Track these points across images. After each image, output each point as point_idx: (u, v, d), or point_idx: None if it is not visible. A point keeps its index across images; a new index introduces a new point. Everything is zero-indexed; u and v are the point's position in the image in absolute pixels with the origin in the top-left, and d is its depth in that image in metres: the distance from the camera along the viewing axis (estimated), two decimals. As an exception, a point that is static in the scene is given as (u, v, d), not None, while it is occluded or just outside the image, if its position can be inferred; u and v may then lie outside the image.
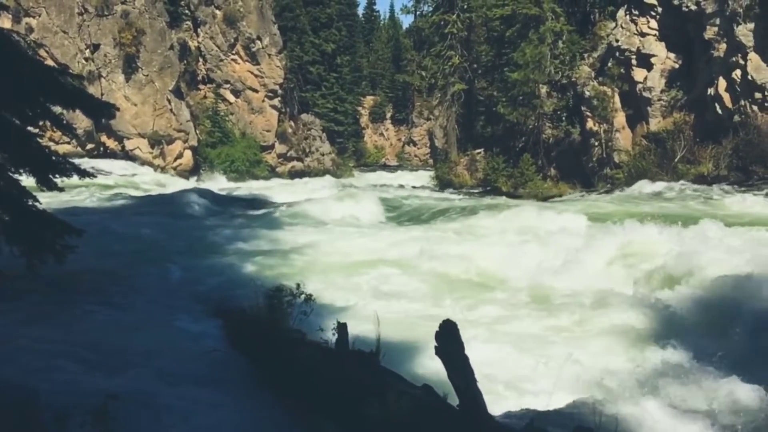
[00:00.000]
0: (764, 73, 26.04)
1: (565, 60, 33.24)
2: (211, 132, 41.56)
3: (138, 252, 13.61)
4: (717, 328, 8.76)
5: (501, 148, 35.30)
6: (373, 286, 11.52)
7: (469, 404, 5.08)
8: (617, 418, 5.48)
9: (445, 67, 41.33)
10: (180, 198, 22.92)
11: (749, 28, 26.31)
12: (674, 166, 27.65)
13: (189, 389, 6.33)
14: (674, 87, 29.93)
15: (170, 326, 8.72)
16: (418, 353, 7.96)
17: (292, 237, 16.14)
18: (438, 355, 5.19)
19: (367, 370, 6.09)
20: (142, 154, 37.95)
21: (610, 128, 31.36)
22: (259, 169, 42.55)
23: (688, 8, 28.66)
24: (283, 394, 6.48)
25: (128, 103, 37.38)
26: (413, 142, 70.50)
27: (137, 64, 37.69)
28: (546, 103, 33.33)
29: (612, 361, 7.88)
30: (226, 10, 42.71)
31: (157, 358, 7.09)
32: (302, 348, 6.86)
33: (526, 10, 32.94)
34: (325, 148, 50.21)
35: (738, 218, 15.99)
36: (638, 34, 31.04)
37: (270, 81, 43.97)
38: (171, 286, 11.18)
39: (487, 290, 11.55)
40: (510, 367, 7.75)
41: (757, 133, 25.60)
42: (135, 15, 37.81)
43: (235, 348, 7.73)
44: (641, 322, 9.49)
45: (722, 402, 6.49)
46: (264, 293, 7.55)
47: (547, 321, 9.84)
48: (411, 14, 61.13)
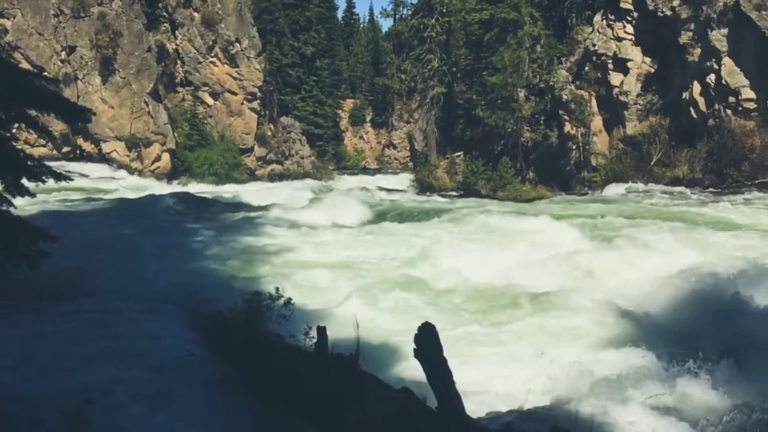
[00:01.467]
0: (738, 77, 26.48)
1: (542, 64, 33.52)
2: (190, 135, 41.23)
3: (114, 256, 13.47)
4: (685, 328, 8.92)
5: (480, 151, 35.48)
6: (353, 289, 11.52)
7: (448, 406, 5.12)
8: (592, 417, 5.55)
9: (424, 70, 41.46)
10: (157, 201, 22.71)
11: (723, 33, 26.75)
12: (650, 169, 28.00)
13: (166, 394, 6.28)
14: (650, 91, 30.32)
15: (147, 330, 8.65)
16: (398, 356, 7.98)
17: (270, 240, 16.08)
18: (417, 358, 5.22)
19: (347, 374, 6.10)
20: (120, 157, 37.55)
21: (587, 132, 31.68)
22: (238, 172, 42.28)
23: (664, 13, 29.07)
24: (263, 398, 6.46)
25: (105, 105, 36.99)
26: (393, 145, 70.55)
27: (114, 66, 37.30)
28: (524, 107, 33.57)
29: (583, 361, 7.94)
30: (205, 12, 42.44)
31: (133, 363, 7.03)
32: (281, 352, 6.84)
33: (505, 15, 33.19)
34: (304, 151, 50.05)
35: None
36: (615, 39, 31.42)
37: (249, 84, 43.76)
38: (147, 291, 11.08)
39: (458, 293, 11.57)
40: (486, 369, 7.80)
41: (731, 137, 26.02)
42: (112, 17, 37.44)
43: (214, 352, 7.68)
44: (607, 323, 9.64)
45: (692, 400, 6.60)
46: (243, 297, 7.52)
47: (520, 321, 9.91)
48: (390, 18, 61.48)
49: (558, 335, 9.21)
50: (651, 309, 10.00)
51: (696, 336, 8.66)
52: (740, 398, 6.65)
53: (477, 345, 8.72)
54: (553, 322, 9.69)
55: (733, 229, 15.22)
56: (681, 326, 9.15)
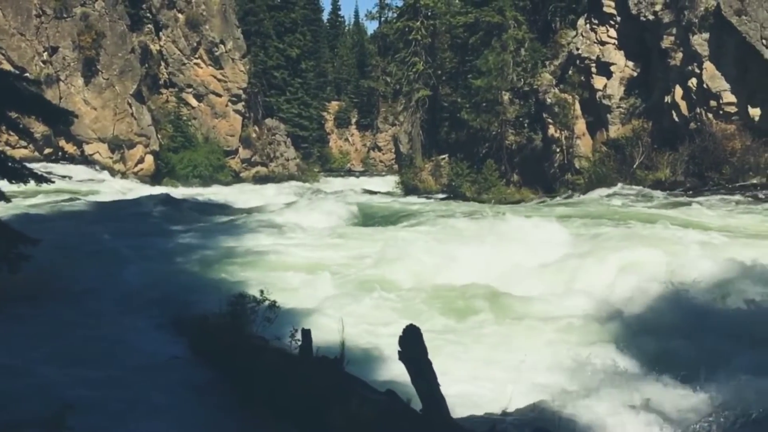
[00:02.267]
0: (719, 81, 26.80)
1: (527, 67, 33.72)
2: (173, 137, 41.00)
3: (97, 259, 13.34)
4: (665, 328, 9.02)
5: (465, 154, 35.59)
6: (337, 291, 11.50)
7: (432, 409, 5.12)
8: (575, 419, 5.59)
9: (409, 73, 41.53)
10: (140, 204, 22.56)
11: (704, 37, 27.07)
12: (633, 172, 28.22)
13: (149, 398, 6.24)
14: (633, 95, 30.59)
15: (130, 334, 8.58)
16: (383, 358, 7.97)
17: (255, 243, 16.02)
18: (401, 360, 5.23)
19: (331, 377, 6.09)
20: (102, 159, 37.25)
21: (570, 135, 31.89)
22: (222, 174, 42.11)
23: (646, 18, 29.36)
24: (247, 401, 6.44)
25: (88, 107, 36.68)
26: (378, 147, 70.62)
27: (97, 67, 37.01)
28: (509, 110, 33.74)
29: (566, 362, 8.00)
30: (189, 13, 42.25)
31: (116, 367, 6.97)
32: (266, 355, 6.82)
33: (489, 18, 33.35)
34: (289, 153, 49.96)
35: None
36: (598, 43, 31.67)
37: (233, 85, 43.61)
38: (130, 294, 10.99)
39: (446, 296, 11.60)
40: (470, 371, 7.83)
41: (712, 141, 26.31)
42: (95, 18, 37.14)
43: (197, 355, 7.64)
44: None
45: (675, 401, 6.66)
46: (227, 300, 7.49)
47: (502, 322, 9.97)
48: (375, 20, 61.42)
49: (540, 337, 9.26)
50: (632, 311, 10.10)
51: (676, 337, 8.76)
52: (722, 399, 6.72)
53: (460, 347, 8.74)
54: (535, 324, 9.75)
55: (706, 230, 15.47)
56: (661, 327, 9.25)
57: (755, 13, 25.54)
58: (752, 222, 17.46)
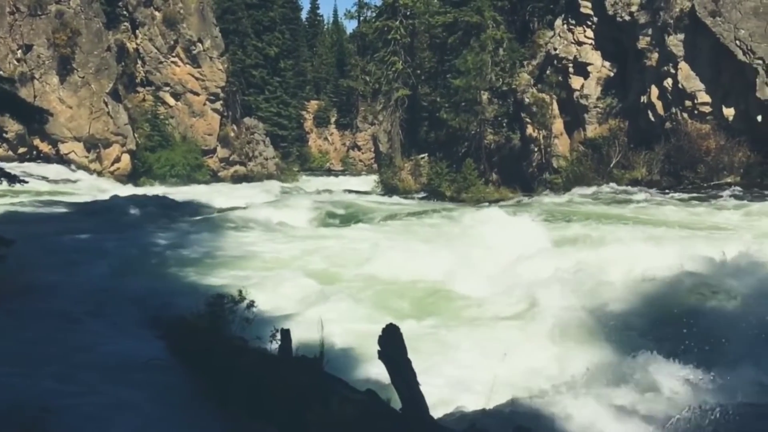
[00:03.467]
0: (693, 81, 27.18)
1: (505, 67, 33.90)
2: (150, 136, 40.59)
3: (72, 261, 13.17)
4: (646, 323, 9.13)
5: (444, 153, 35.70)
6: (317, 291, 11.47)
7: (412, 407, 5.12)
8: (554, 416, 5.63)
9: (388, 72, 41.51)
10: (117, 204, 22.30)
11: (679, 38, 27.44)
12: (610, 171, 28.52)
13: (126, 399, 6.16)
14: (609, 95, 30.90)
15: (106, 336, 8.48)
16: (363, 358, 7.97)
17: (233, 243, 15.93)
18: (381, 359, 5.22)
19: (311, 377, 6.06)
20: (78, 159, 36.75)
21: (548, 134, 32.12)
22: (200, 173, 41.80)
23: (623, 19, 29.67)
24: (226, 402, 6.38)
25: (63, 105, 36.17)
26: (358, 146, 70.59)
27: (72, 65, 36.50)
28: (487, 110, 33.90)
29: (545, 360, 8.06)
30: (166, 11, 41.85)
31: (92, 369, 6.87)
32: (245, 355, 6.77)
33: (468, 18, 33.48)
34: (268, 153, 49.72)
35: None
36: (575, 43, 31.94)
37: (211, 84, 43.28)
38: (106, 295, 10.85)
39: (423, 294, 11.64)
40: (448, 368, 7.85)
41: (687, 140, 26.69)
42: (70, 15, 36.63)
43: (175, 357, 7.56)
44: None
45: (653, 397, 6.74)
46: (205, 300, 7.42)
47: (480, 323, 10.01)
48: (354, 19, 61.37)
49: (517, 335, 9.31)
50: (611, 307, 10.19)
51: (656, 333, 8.86)
52: (702, 394, 6.80)
53: (440, 345, 8.76)
54: (514, 323, 9.81)
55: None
56: (640, 324, 9.35)
57: (729, 14, 25.93)
58: (712, 218, 17.88)
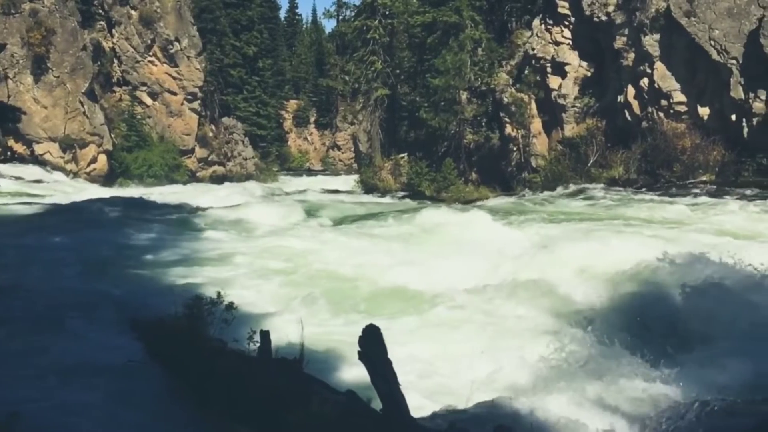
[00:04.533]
0: (669, 81, 27.52)
1: (484, 67, 34.04)
2: (127, 136, 40.13)
3: (47, 263, 12.97)
4: (623, 320, 9.23)
5: (424, 153, 35.77)
6: (297, 292, 11.42)
7: (392, 408, 5.12)
8: (534, 414, 5.65)
9: (368, 72, 41.49)
10: (93, 205, 22.00)
11: (655, 38, 27.76)
12: (587, 170, 28.78)
13: (101, 403, 6.08)
14: (587, 94, 31.17)
15: (81, 338, 8.35)
16: (343, 358, 7.95)
17: (211, 244, 15.81)
18: (361, 360, 5.21)
19: (291, 378, 6.04)
20: (53, 159, 36.24)
21: (527, 134, 32.32)
22: (178, 173, 41.43)
23: (599, 19, 29.95)
24: (205, 405, 6.33)
25: (38, 105, 35.65)
26: (338, 146, 70.49)
27: (47, 65, 35.99)
28: (466, 109, 34.01)
29: (526, 357, 8.10)
30: (143, 10, 41.41)
31: (66, 372, 6.76)
32: (224, 357, 6.72)
33: (446, 18, 33.55)
34: (247, 153, 49.44)
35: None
36: (553, 43, 32.17)
37: (189, 83, 42.93)
38: (82, 297, 10.68)
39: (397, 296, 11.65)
40: (428, 368, 7.86)
41: (663, 139, 27.01)
42: (44, 14, 36.11)
43: (153, 359, 7.48)
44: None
45: (632, 395, 6.80)
46: (183, 302, 7.35)
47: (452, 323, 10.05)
48: (333, 19, 61.24)
49: (498, 332, 9.36)
50: (592, 303, 10.28)
51: (637, 330, 8.95)
52: (679, 391, 6.88)
53: (419, 344, 8.76)
54: (491, 319, 9.85)
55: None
56: (622, 320, 9.43)
57: (704, 14, 26.29)
58: (684, 216, 18.25)
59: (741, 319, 8.93)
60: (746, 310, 9.10)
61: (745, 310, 9.10)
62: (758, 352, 7.99)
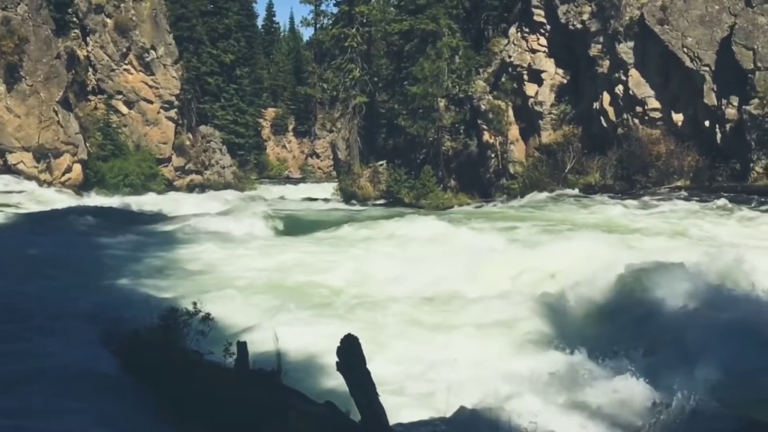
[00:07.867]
0: (644, 88, 27.89)
1: (461, 75, 34.22)
2: (103, 145, 39.66)
3: (20, 274, 12.71)
4: (605, 326, 9.27)
5: (403, 160, 35.84)
6: (273, 303, 11.32)
7: (371, 419, 5.07)
8: (512, 420, 5.63)
9: (346, 80, 41.48)
10: (68, 215, 21.68)
11: (629, 46, 28.13)
12: (564, 176, 29.03)
13: (76, 418, 5.94)
14: (563, 101, 31.48)
15: (55, 351, 8.17)
16: (322, 370, 7.88)
17: (186, 254, 15.63)
18: (339, 371, 5.15)
19: (269, 390, 5.96)
20: (27, 169, 35.67)
21: (505, 141, 32.54)
22: (155, 183, 41.00)
23: (575, 27, 30.29)
24: (181, 418, 6.21)
25: (10, 114, 35.11)
26: (316, 154, 70.35)
27: (20, 73, 35.46)
28: (444, 116, 34.15)
29: (505, 363, 8.10)
30: (118, 18, 41.05)
31: (36, 387, 6.58)
32: (200, 369, 6.61)
33: (424, 26, 33.71)
34: (225, 161, 49.14)
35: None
36: (529, 51, 32.46)
37: (165, 92, 42.58)
38: (55, 309, 10.44)
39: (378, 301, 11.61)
40: (407, 376, 7.82)
41: (639, 145, 27.36)
42: (17, 22, 35.60)
43: (128, 373, 7.34)
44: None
45: (614, 400, 6.81)
46: (158, 313, 7.23)
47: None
48: (311, 27, 61.03)
49: (476, 338, 9.34)
50: (572, 308, 10.32)
51: (614, 334, 8.99)
52: (657, 393, 6.90)
53: (397, 350, 8.72)
54: (468, 330, 9.84)
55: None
56: (599, 325, 9.48)
57: (677, 22, 26.70)
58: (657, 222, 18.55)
59: (705, 320, 9.02)
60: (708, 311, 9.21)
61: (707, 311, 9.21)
62: (727, 352, 8.08)
